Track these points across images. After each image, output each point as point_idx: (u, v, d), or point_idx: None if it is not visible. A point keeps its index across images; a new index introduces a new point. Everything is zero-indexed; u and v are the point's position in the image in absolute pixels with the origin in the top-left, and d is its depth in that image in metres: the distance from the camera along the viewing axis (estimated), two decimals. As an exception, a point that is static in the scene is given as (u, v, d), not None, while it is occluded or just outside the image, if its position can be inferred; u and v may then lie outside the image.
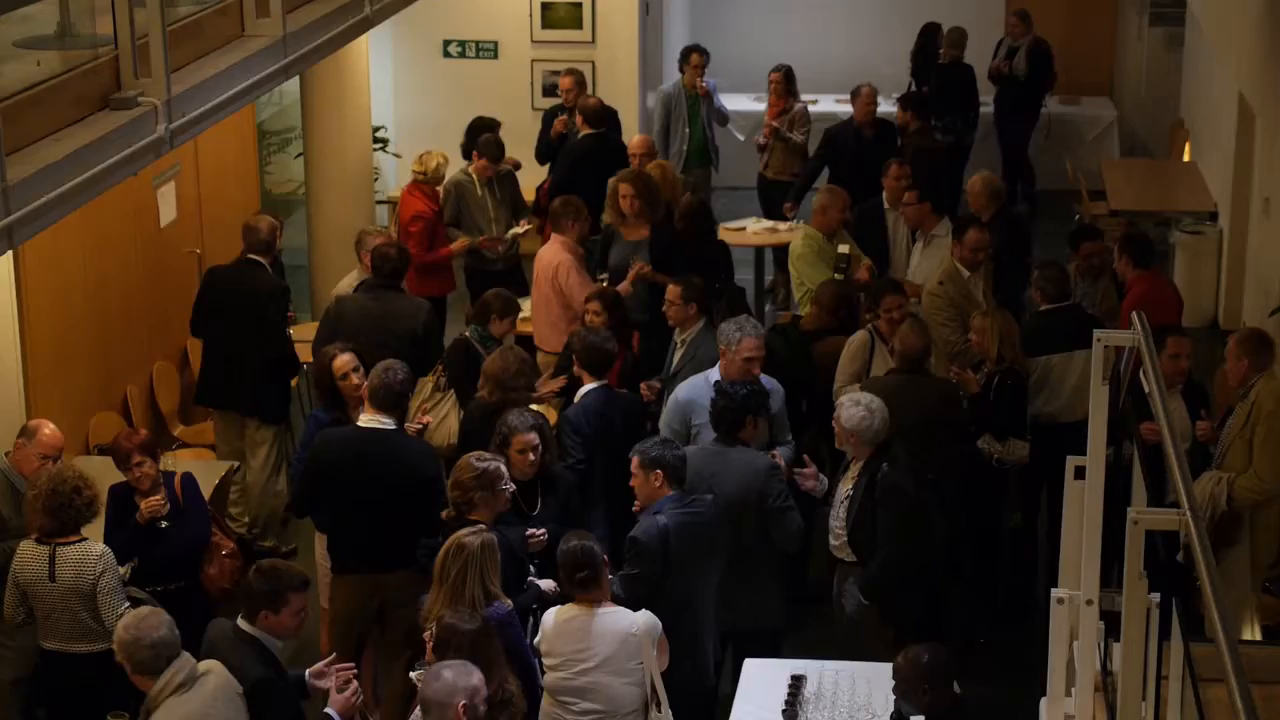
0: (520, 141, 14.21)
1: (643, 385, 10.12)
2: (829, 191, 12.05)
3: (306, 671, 7.04)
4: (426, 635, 6.84)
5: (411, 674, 7.08)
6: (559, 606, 7.42)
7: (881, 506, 8.28)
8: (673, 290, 10.18)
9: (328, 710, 6.84)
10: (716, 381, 8.95)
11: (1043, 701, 6.01)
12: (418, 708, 6.50)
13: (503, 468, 7.92)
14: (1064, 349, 9.89)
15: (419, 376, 10.13)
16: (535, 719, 7.51)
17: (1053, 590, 5.96)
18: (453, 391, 10.08)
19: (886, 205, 12.19)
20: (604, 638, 7.17)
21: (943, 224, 11.73)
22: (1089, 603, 5.63)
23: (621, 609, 7.25)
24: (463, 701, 6.21)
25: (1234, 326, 12.67)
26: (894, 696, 6.80)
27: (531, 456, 8.28)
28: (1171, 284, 11.58)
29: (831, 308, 10.57)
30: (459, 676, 6.28)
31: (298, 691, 6.98)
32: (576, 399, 9.39)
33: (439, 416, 9.89)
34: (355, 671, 7.02)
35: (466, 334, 10.29)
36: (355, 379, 9.02)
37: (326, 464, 8.66)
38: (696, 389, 9.13)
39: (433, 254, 12.43)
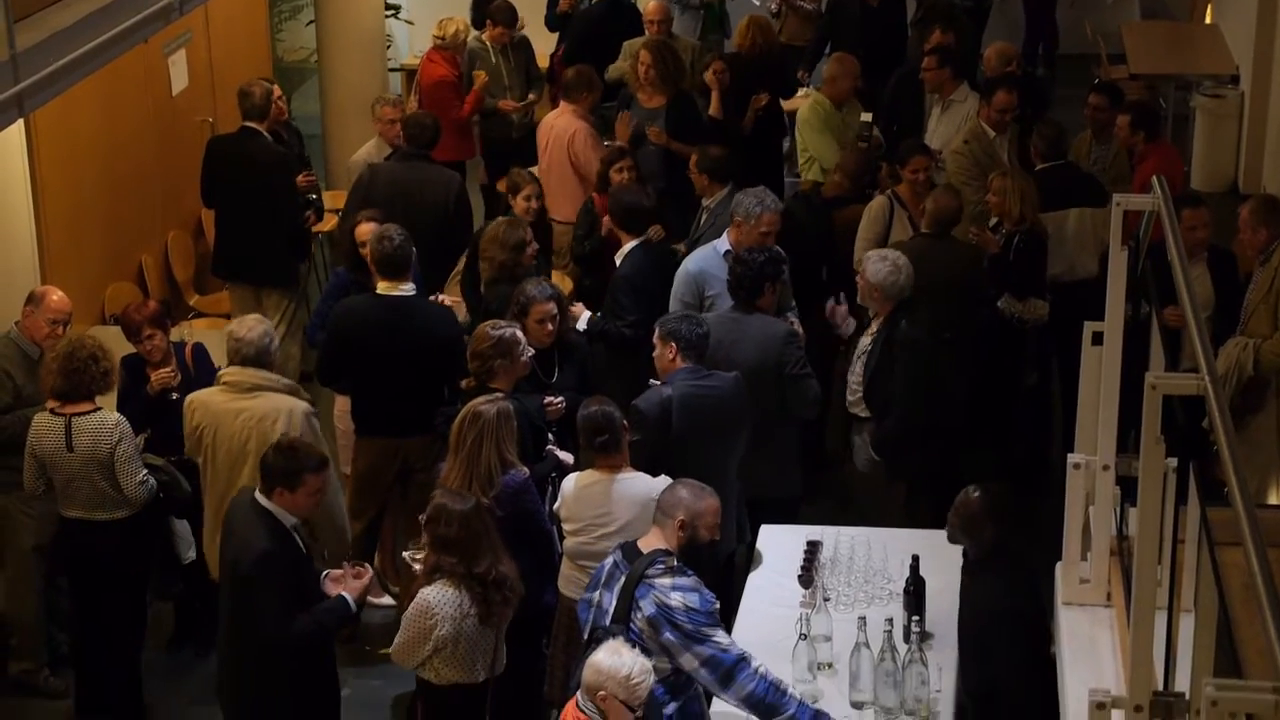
0: (531, 6, 14.04)
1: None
2: (839, 60, 11.97)
3: (323, 574, 7.12)
4: (421, 518, 6.85)
5: (405, 554, 7.14)
6: (579, 472, 7.44)
7: (898, 361, 8.33)
8: (691, 159, 10.18)
9: (342, 593, 6.94)
10: (729, 251, 8.92)
11: (1058, 566, 6.03)
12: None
13: (519, 333, 7.91)
14: (1060, 206, 9.90)
15: (448, 247, 10.12)
16: (551, 587, 7.57)
17: (1069, 455, 5.94)
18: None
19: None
20: (624, 502, 7.18)
21: (962, 89, 11.65)
22: (1105, 468, 5.63)
23: (642, 475, 7.25)
24: (681, 517, 6.38)
25: (1254, 190, 12.58)
26: (951, 535, 6.99)
27: (549, 326, 8.28)
28: (1179, 158, 11.53)
29: (855, 175, 10.53)
30: (692, 495, 6.45)
31: (310, 567, 7.04)
32: (619, 258, 9.44)
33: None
34: (367, 569, 7.15)
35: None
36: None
37: (347, 331, 8.69)
38: (706, 259, 9.10)
39: (458, 111, 12.38)
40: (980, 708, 6.98)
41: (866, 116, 11.69)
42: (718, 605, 6.33)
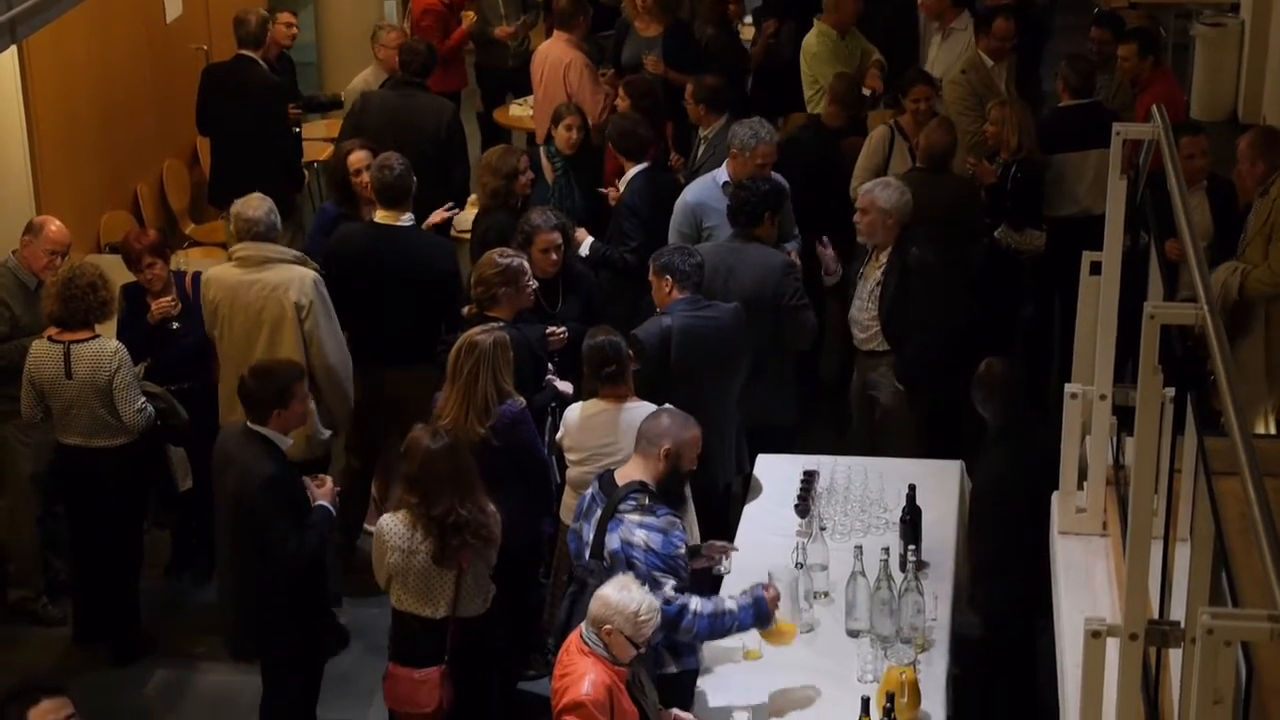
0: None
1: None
2: (837, -17, 11.88)
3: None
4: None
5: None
6: (584, 402, 7.42)
7: (916, 287, 8.33)
8: (687, 88, 10.13)
9: (320, 503, 6.96)
10: (727, 182, 8.89)
11: (1054, 495, 6.04)
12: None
13: (525, 263, 7.89)
14: (1079, 147, 9.81)
15: (440, 176, 10.07)
16: (549, 518, 7.58)
17: (1066, 385, 5.95)
18: None
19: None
20: (630, 432, 7.11)
21: (962, 17, 11.59)
22: (1102, 397, 5.63)
23: (646, 404, 7.22)
24: (667, 446, 6.38)
25: (1254, 119, 12.53)
26: (977, 402, 7.35)
27: (554, 256, 8.26)
28: (1180, 87, 11.45)
29: (849, 101, 10.47)
30: (677, 424, 6.46)
31: (303, 488, 7.03)
32: (623, 184, 9.40)
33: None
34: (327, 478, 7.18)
35: (542, 150, 10.11)
36: (366, 177, 8.97)
37: (343, 259, 8.67)
38: (705, 190, 9.07)
39: (446, 43, 12.32)
40: (980, 583, 7.12)
41: (879, 57, 11.59)
42: (682, 551, 6.33)
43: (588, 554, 6.37)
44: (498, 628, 6.85)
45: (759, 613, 6.25)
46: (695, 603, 6.22)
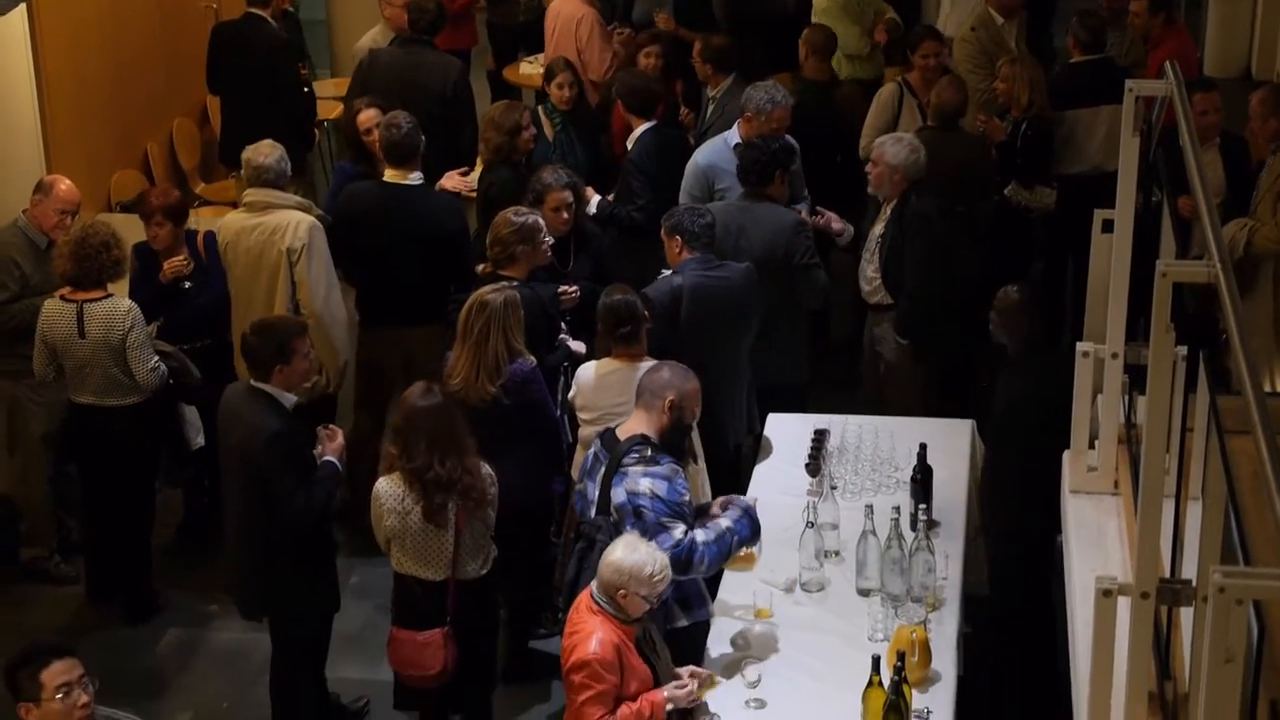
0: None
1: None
2: (850, -59, 11.81)
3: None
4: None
5: None
6: (598, 361, 7.41)
7: (908, 237, 8.33)
8: (695, 47, 10.10)
9: (327, 458, 6.95)
10: (739, 144, 8.86)
11: (1066, 454, 6.03)
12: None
13: (541, 220, 7.87)
14: (1091, 104, 9.77)
15: (448, 134, 10.05)
16: (559, 477, 7.58)
17: (1078, 344, 5.94)
18: None
19: None
20: None
21: (974, -27, 11.52)
22: (1114, 356, 5.61)
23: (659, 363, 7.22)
24: (671, 398, 6.37)
25: (1267, 76, 12.48)
26: (993, 331, 7.51)
27: (565, 214, 8.25)
28: (1193, 43, 11.39)
29: (827, 51, 10.43)
30: (679, 376, 6.44)
31: (310, 443, 7.04)
32: (631, 142, 9.39)
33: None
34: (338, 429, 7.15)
35: (539, 109, 10.08)
36: (377, 134, 8.95)
37: (351, 217, 8.67)
38: (716, 152, 9.03)
39: (458, 0, 12.29)
40: (988, 506, 7.15)
41: (893, 15, 11.51)
42: (687, 498, 6.34)
43: (593, 511, 6.37)
44: (498, 589, 6.86)
45: (753, 522, 6.35)
46: (700, 534, 6.24)
